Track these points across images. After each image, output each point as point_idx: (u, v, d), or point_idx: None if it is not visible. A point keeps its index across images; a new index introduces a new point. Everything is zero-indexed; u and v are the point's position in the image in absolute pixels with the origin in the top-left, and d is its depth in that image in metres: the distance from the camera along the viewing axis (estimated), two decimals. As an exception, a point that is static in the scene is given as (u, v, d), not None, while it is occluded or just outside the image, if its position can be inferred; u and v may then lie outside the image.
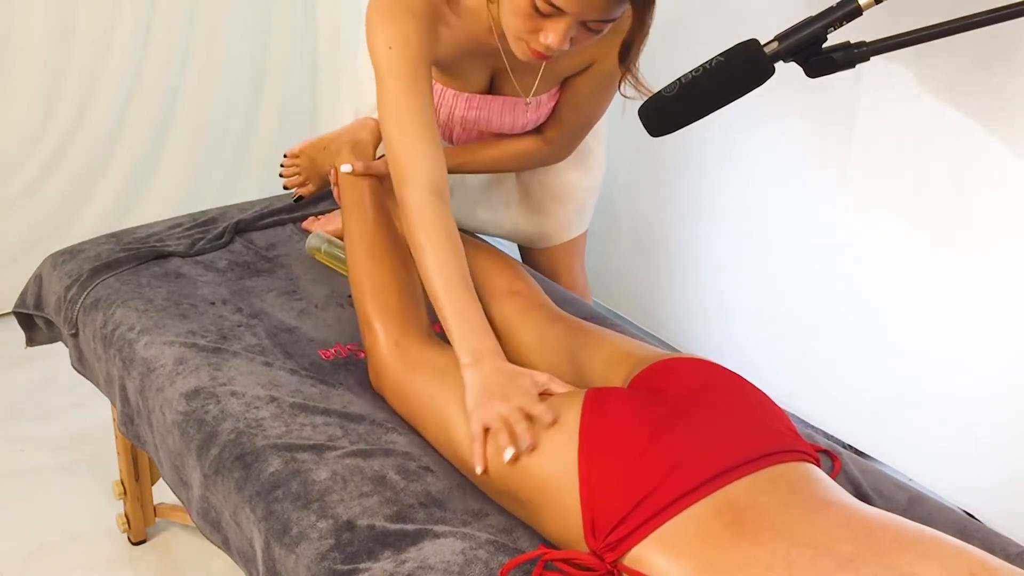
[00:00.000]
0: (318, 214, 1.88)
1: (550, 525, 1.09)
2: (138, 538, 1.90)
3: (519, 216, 1.85)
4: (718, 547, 0.94)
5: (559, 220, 1.85)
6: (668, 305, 2.36)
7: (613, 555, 1.00)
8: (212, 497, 1.26)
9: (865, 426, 1.93)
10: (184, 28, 2.72)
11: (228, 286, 1.65)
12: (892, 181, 1.76)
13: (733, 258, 2.16)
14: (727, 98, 1.08)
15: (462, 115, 1.57)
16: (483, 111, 1.56)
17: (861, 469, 1.26)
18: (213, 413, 1.30)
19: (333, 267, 1.72)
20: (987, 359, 1.68)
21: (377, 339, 1.36)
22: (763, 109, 1.94)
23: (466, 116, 1.57)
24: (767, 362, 2.07)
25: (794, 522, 0.94)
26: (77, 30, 2.56)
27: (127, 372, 1.47)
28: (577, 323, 1.43)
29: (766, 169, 2.01)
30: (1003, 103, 1.56)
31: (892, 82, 1.69)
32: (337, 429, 1.27)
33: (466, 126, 1.60)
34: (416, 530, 1.09)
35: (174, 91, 2.79)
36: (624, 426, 1.08)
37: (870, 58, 1.01)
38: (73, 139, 2.65)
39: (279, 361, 1.43)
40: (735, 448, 1.04)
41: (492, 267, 1.60)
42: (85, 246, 1.75)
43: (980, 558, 0.88)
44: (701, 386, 1.16)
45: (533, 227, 1.85)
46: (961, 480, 1.76)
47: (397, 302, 1.39)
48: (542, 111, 1.58)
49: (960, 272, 1.69)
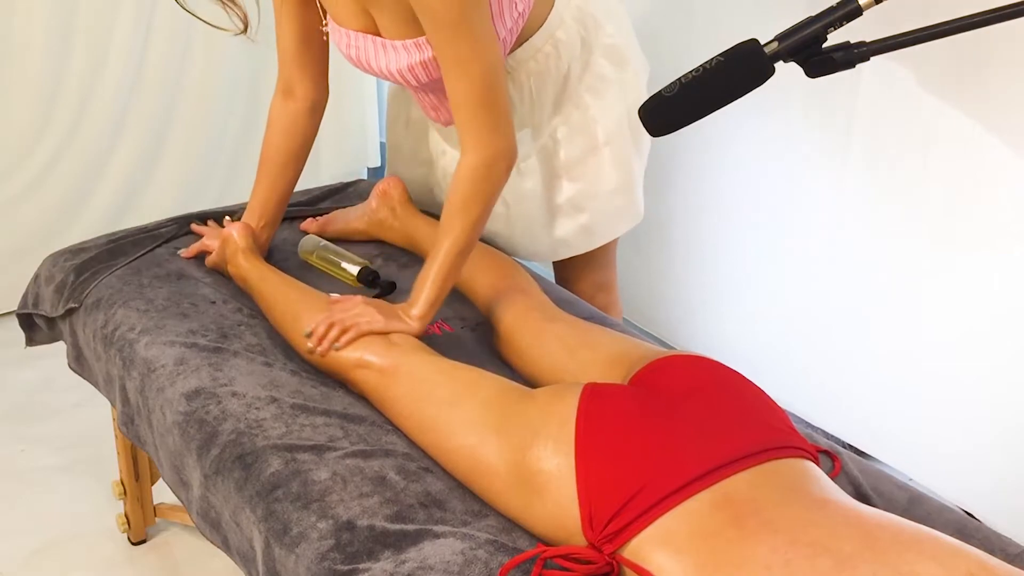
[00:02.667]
0: (317, 215, 1.87)
1: (547, 519, 1.08)
2: (138, 538, 1.90)
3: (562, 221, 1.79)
4: (717, 544, 0.94)
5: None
6: (668, 305, 2.36)
7: (611, 547, 1.00)
8: (212, 497, 1.26)
9: (865, 426, 1.93)
10: (184, 28, 2.72)
11: (229, 286, 1.65)
12: (892, 181, 1.76)
13: (733, 258, 2.16)
14: (727, 98, 1.08)
15: (345, 53, 1.56)
16: (357, 49, 1.53)
17: (861, 469, 1.26)
18: (214, 413, 1.30)
19: (326, 271, 1.72)
20: (987, 359, 1.68)
21: (346, 373, 1.37)
22: (763, 109, 1.94)
23: (348, 55, 1.55)
24: (767, 362, 2.07)
25: (792, 520, 0.94)
26: (77, 30, 2.56)
27: (127, 372, 1.47)
28: (576, 322, 1.43)
29: (766, 169, 2.01)
30: (1003, 103, 1.56)
31: (892, 82, 1.69)
32: (337, 430, 1.27)
33: (362, 69, 1.58)
34: (416, 530, 1.10)
35: (174, 91, 2.79)
36: (621, 418, 1.09)
37: (870, 58, 1.01)
38: (73, 139, 2.65)
39: (280, 361, 1.43)
40: (733, 442, 1.04)
41: (492, 267, 1.60)
42: (85, 245, 1.76)
43: (979, 558, 0.88)
44: (700, 382, 1.16)
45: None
46: (961, 480, 1.76)
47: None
48: (415, 57, 1.47)
49: (960, 272, 1.69)
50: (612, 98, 1.68)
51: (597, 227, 1.78)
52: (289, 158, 1.69)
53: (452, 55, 1.36)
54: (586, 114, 1.67)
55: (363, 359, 1.34)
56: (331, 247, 1.74)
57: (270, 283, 1.55)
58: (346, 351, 1.36)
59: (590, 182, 1.72)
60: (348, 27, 1.51)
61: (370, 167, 3.31)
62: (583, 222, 1.76)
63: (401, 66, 1.48)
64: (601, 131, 1.69)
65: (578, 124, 1.68)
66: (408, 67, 1.48)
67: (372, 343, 1.35)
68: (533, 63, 1.61)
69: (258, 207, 1.70)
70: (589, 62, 1.65)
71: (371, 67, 1.53)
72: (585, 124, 1.68)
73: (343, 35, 1.52)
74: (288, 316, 1.47)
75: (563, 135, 1.68)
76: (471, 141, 1.40)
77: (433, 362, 1.31)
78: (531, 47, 1.60)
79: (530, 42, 1.59)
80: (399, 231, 1.79)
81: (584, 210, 1.74)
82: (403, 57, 1.47)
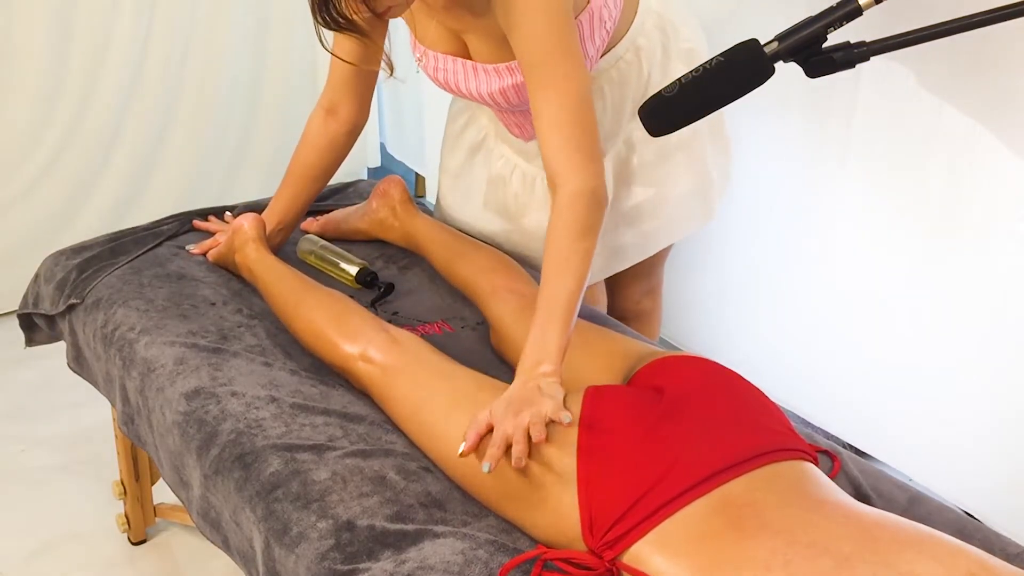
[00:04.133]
0: (317, 214, 1.87)
1: (546, 524, 1.08)
2: (138, 538, 1.90)
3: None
4: (716, 546, 0.94)
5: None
6: (668, 304, 2.36)
7: (611, 553, 1.00)
8: (212, 497, 1.26)
9: (865, 426, 1.93)
10: (184, 28, 2.72)
11: (229, 287, 1.65)
12: (892, 181, 1.76)
13: (733, 258, 2.16)
14: (727, 98, 1.08)
15: (432, 76, 1.55)
16: (446, 72, 1.52)
17: (861, 469, 1.26)
18: (213, 413, 1.30)
19: (325, 271, 1.72)
20: (987, 358, 1.68)
21: (348, 364, 1.37)
22: (763, 109, 1.94)
23: (435, 78, 1.55)
24: (767, 362, 2.07)
25: (792, 521, 0.94)
26: (77, 30, 2.56)
27: (127, 372, 1.47)
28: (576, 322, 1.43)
29: (766, 169, 2.01)
30: (1003, 103, 1.56)
31: (892, 82, 1.69)
32: (337, 429, 1.27)
33: (449, 91, 1.57)
34: (416, 530, 1.10)
35: (174, 91, 2.79)
36: (623, 424, 1.09)
37: (870, 58, 1.01)
38: (73, 139, 2.65)
39: (279, 361, 1.43)
40: (732, 446, 1.04)
41: (492, 267, 1.61)
42: (87, 244, 1.76)
43: (979, 557, 0.88)
44: (699, 384, 1.16)
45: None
46: (961, 480, 1.76)
47: (338, 327, 1.41)
48: (507, 81, 1.46)
49: (960, 272, 1.69)
50: None
51: (660, 233, 1.75)
52: (320, 173, 1.70)
53: (546, 80, 1.30)
54: None
55: (366, 353, 1.34)
56: (330, 247, 1.74)
57: (276, 273, 1.55)
58: (348, 344, 1.36)
59: (661, 187, 1.70)
60: (437, 50, 1.51)
61: (370, 167, 3.31)
62: (646, 229, 1.72)
63: (492, 89, 1.49)
64: (675, 136, 1.68)
65: None
66: (500, 90, 1.48)
67: (376, 337, 1.36)
68: (615, 71, 1.60)
69: (278, 212, 1.71)
70: (667, 68, 1.64)
71: (459, 90, 1.54)
72: None
73: (431, 58, 1.52)
74: (290, 306, 1.48)
75: (638, 139, 1.66)
76: (568, 168, 1.28)
77: (435, 364, 1.31)
78: (613, 56, 1.59)
79: (613, 51, 1.58)
80: (399, 231, 1.79)
81: (653, 216, 1.72)
82: (494, 81, 1.47)
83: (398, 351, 1.33)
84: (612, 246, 1.73)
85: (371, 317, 1.42)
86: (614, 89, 1.61)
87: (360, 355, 1.35)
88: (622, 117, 1.65)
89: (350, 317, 1.42)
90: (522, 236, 1.73)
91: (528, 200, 1.71)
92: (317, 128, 1.67)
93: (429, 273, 1.73)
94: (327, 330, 1.41)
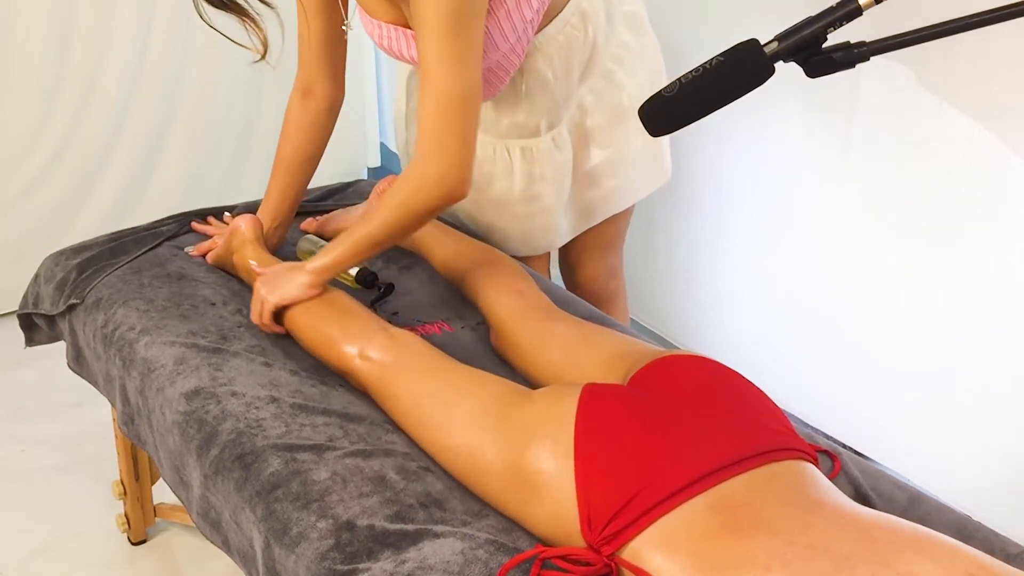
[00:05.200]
0: (317, 214, 1.87)
1: (546, 519, 1.08)
2: (138, 538, 1.90)
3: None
4: (715, 546, 0.94)
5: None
6: (668, 303, 2.37)
7: (610, 548, 1.00)
8: (212, 497, 1.26)
9: (865, 426, 1.93)
10: (184, 28, 2.73)
11: (229, 287, 1.65)
12: (892, 181, 1.76)
13: (733, 257, 2.16)
14: (727, 98, 1.08)
15: (379, 43, 1.56)
16: (390, 39, 1.53)
17: (861, 469, 1.26)
18: (213, 413, 1.30)
19: None
20: (987, 359, 1.68)
21: (347, 363, 1.37)
22: (763, 109, 1.94)
23: (382, 45, 1.56)
24: (767, 362, 2.08)
25: (790, 521, 0.94)
26: (77, 30, 2.57)
27: (127, 372, 1.47)
28: (576, 322, 1.43)
29: (766, 169, 2.01)
30: (1003, 104, 1.56)
31: (892, 82, 1.69)
32: (337, 429, 1.27)
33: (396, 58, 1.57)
34: (416, 530, 1.10)
35: (174, 91, 2.79)
36: (620, 420, 1.09)
37: (870, 58, 1.01)
38: (73, 139, 2.65)
39: (279, 361, 1.43)
40: (731, 445, 1.04)
41: (492, 266, 1.60)
42: (87, 244, 1.76)
43: (978, 558, 0.88)
44: (699, 383, 1.16)
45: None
46: (961, 480, 1.76)
47: (337, 327, 1.41)
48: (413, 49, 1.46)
49: (960, 272, 1.69)
50: (635, 64, 1.71)
51: (622, 191, 1.80)
52: (306, 158, 1.70)
53: (434, 56, 1.30)
54: (611, 81, 1.70)
55: (365, 352, 1.34)
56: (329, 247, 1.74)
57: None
58: (347, 344, 1.36)
59: (618, 148, 1.75)
60: (379, 19, 1.52)
61: (370, 167, 3.31)
62: (609, 187, 1.78)
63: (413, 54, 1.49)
64: (626, 97, 1.72)
65: (604, 92, 1.71)
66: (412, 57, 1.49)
67: (375, 336, 1.35)
68: (562, 37, 1.63)
69: (272, 208, 1.72)
70: (611, 31, 1.68)
71: (404, 56, 1.55)
72: (610, 91, 1.71)
73: (375, 26, 1.54)
74: (289, 306, 1.48)
75: (590, 103, 1.71)
76: (430, 149, 1.32)
77: (434, 361, 1.31)
78: (560, 21, 1.61)
79: (560, 16, 1.61)
80: None
81: (612, 176, 1.77)
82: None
83: (397, 350, 1.33)
84: (580, 207, 1.79)
85: (371, 317, 1.42)
86: (562, 53, 1.64)
87: (359, 354, 1.35)
88: (571, 82, 1.68)
89: (350, 317, 1.42)
90: (493, 207, 1.76)
91: (491, 169, 1.74)
92: (297, 111, 1.67)
93: (429, 273, 1.73)
94: (327, 330, 1.41)
